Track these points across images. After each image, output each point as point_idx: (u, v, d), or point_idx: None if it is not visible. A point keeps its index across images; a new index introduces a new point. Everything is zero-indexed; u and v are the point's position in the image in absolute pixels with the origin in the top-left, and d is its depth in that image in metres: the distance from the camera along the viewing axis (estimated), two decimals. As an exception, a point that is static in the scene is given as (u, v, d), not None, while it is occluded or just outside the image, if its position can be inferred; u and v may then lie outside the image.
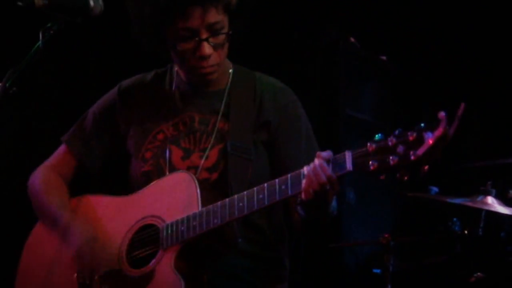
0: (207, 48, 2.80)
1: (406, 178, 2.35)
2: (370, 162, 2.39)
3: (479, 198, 4.35)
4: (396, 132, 2.37)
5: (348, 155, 2.45)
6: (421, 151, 2.29)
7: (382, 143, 2.38)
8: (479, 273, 4.38)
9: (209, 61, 2.84)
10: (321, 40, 5.56)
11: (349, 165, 2.44)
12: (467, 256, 4.50)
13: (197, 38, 2.79)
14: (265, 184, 2.62)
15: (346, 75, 5.55)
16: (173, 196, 2.81)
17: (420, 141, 2.30)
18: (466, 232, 4.52)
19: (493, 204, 4.31)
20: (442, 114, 2.27)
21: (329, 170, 2.49)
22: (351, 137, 5.31)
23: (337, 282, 5.35)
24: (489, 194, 4.36)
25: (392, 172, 2.36)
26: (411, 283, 4.83)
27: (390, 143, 2.36)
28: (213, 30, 2.80)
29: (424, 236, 4.89)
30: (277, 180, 2.60)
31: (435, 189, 4.68)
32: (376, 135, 2.42)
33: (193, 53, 2.82)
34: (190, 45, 2.81)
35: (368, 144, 2.41)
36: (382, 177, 2.39)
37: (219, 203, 2.69)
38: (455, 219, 4.57)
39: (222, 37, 2.83)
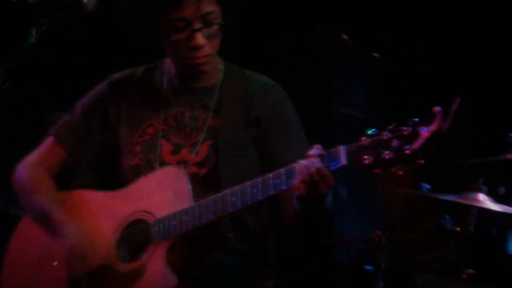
0: (200, 39, 2.81)
1: (400, 173, 2.35)
2: (365, 157, 2.39)
3: (471, 195, 4.37)
4: (391, 126, 2.37)
5: (342, 150, 2.45)
6: (416, 145, 2.29)
7: (376, 138, 2.38)
8: (470, 270, 4.40)
9: (202, 51, 2.84)
10: (313, 37, 5.56)
11: (343, 160, 2.44)
12: (458, 253, 4.51)
13: (190, 29, 2.80)
14: (259, 179, 2.62)
15: (338, 72, 5.56)
16: (163, 191, 2.81)
17: (415, 135, 2.30)
18: (457, 229, 4.54)
19: (484, 201, 4.32)
20: (437, 108, 2.27)
21: (321, 165, 2.49)
22: (343, 134, 5.32)
23: (329, 279, 5.36)
24: (481, 191, 4.38)
25: (386, 166, 2.36)
26: (403, 280, 4.84)
27: (384, 137, 2.36)
28: (206, 21, 2.81)
29: (416, 233, 4.89)
30: (271, 175, 2.60)
31: (426, 186, 4.71)
32: (370, 130, 2.42)
33: (186, 43, 2.82)
34: (183, 36, 2.81)
35: (363, 138, 2.41)
36: (376, 171, 2.39)
37: (211, 197, 2.69)
38: (447, 216, 4.58)
39: (215, 28, 2.83)
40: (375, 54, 5.68)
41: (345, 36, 5.58)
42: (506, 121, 5.08)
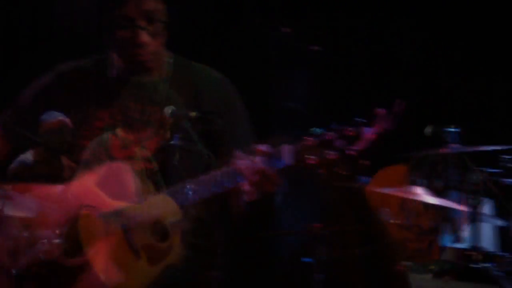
0: (144, 37, 2.80)
1: (343, 172, 2.38)
2: (309, 157, 2.41)
3: (407, 188, 4.44)
4: (334, 126, 2.40)
5: (286, 149, 2.47)
6: (359, 146, 2.33)
7: (320, 138, 2.41)
8: (406, 262, 4.48)
9: (146, 49, 2.83)
10: (252, 29, 5.56)
11: (287, 159, 2.47)
12: (395, 245, 4.59)
13: (134, 26, 2.79)
14: (205, 176, 2.64)
15: (277, 65, 5.56)
16: (109, 186, 2.78)
17: (358, 136, 2.34)
18: (394, 221, 4.61)
19: (420, 193, 4.40)
20: (380, 110, 2.31)
21: (265, 165, 2.51)
22: (283, 127, 5.32)
23: (267, 271, 5.38)
24: (417, 184, 4.45)
25: (330, 166, 2.39)
26: (342, 272, 4.89)
27: (328, 138, 2.39)
28: (150, 18, 2.80)
29: (354, 226, 4.95)
30: (218, 173, 2.62)
31: (364, 179, 4.77)
32: (314, 129, 2.44)
33: (130, 41, 2.81)
34: (127, 33, 2.80)
35: (307, 138, 2.43)
36: (321, 171, 2.41)
37: (158, 195, 2.69)
38: (384, 209, 4.65)
39: (159, 26, 2.83)
40: (315, 47, 5.70)
41: (284, 29, 5.58)
42: (442, 116, 5.18)
